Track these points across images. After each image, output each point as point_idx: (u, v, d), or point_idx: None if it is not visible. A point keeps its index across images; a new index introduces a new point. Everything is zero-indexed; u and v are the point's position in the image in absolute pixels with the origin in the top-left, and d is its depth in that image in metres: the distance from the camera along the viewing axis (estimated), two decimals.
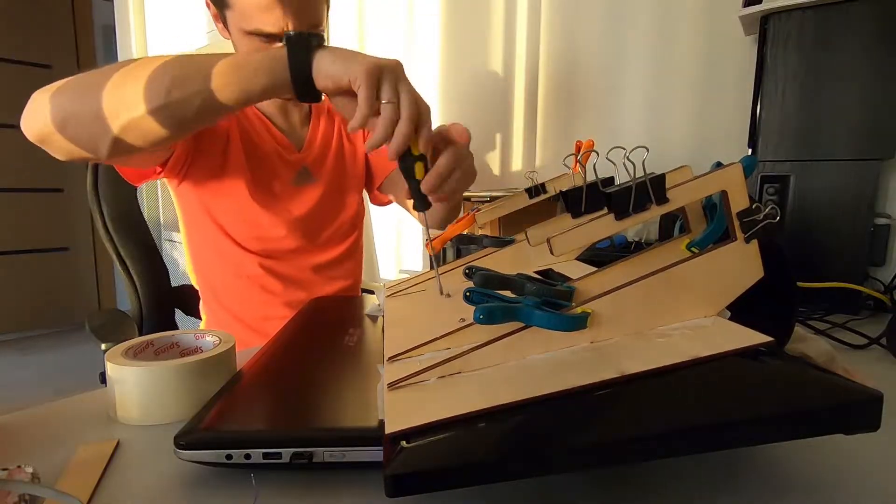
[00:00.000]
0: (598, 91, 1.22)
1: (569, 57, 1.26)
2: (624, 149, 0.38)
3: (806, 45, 0.78)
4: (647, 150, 0.36)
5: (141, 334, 1.02)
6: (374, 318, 0.60)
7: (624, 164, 0.37)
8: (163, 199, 2.22)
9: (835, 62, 0.77)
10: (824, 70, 0.78)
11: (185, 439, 0.33)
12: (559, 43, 1.27)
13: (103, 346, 1.02)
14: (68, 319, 3.43)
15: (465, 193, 1.16)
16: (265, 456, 0.33)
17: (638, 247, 0.59)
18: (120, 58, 2.63)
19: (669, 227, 0.79)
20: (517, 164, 1.40)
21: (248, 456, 0.33)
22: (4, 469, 0.31)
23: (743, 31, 0.94)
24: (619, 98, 1.19)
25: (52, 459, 0.36)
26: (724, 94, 1.04)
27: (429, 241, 0.60)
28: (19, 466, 0.31)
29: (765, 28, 0.81)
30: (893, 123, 0.76)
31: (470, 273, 0.35)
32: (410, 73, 0.50)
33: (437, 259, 0.77)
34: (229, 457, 0.33)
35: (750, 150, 0.85)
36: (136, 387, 0.42)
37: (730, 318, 0.36)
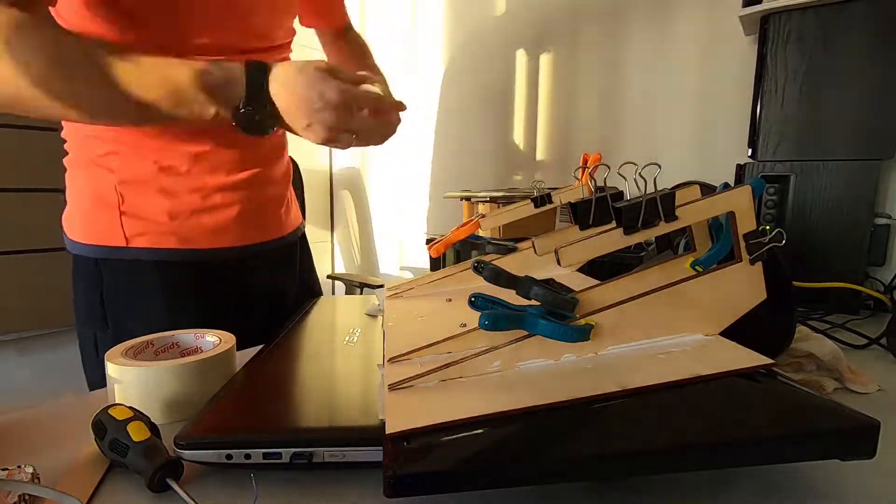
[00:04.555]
0: (598, 90, 1.22)
1: (569, 57, 1.26)
2: (635, 164, 0.38)
3: (806, 45, 0.78)
4: (660, 166, 0.36)
5: None
6: (373, 318, 0.60)
7: (635, 179, 0.37)
8: None
9: (835, 62, 0.77)
10: (824, 70, 0.78)
11: (185, 439, 0.33)
12: (559, 43, 1.27)
13: None
14: (68, 319, 3.42)
15: (467, 194, 1.17)
16: (265, 456, 0.33)
17: (637, 248, 0.59)
18: None
19: (668, 234, 0.79)
20: (517, 164, 1.40)
21: (248, 456, 0.33)
22: (4, 469, 0.31)
23: (743, 31, 0.94)
24: (619, 98, 1.19)
25: (52, 459, 0.36)
26: (724, 94, 1.04)
27: (431, 243, 0.60)
28: (19, 466, 0.31)
29: (765, 28, 0.81)
30: (893, 123, 0.76)
31: (479, 267, 0.35)
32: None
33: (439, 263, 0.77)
34: (229, 457, 0.33)
35: (750, 150, 0.85)
36: (136, 387, 0.42)
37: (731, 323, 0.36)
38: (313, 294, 0.84)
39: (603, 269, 0.53)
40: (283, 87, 0.51)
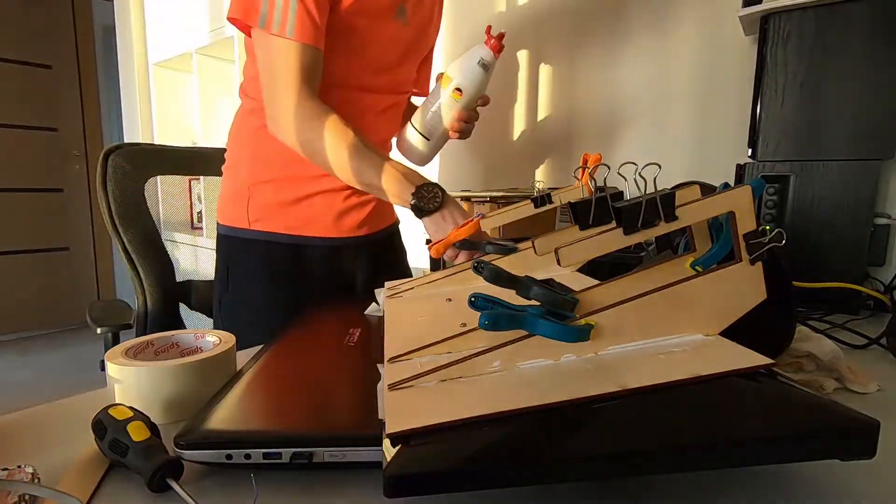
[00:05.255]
0: (598, 90, 1.22)
1: (569, 57, 1.26)
2: (635, 164, 0.38)
3: (806, 45, 0.78)
4: (660, 166, 0.36)
5: (146, 327, 1.02)
6: (373, 319, 0.60)
7: (635, 179, 0.37)
8: (162, 199, 2.22)
9: (835, 62, 0.77)
10: (824, 70, 0.78)
11: (186, 439, 0.33)
12: (559, 42, 1.27)
13: (98, 331, 1.02)
14: (68, 319, 3.43)
15: (467, 194, 1.17)
16: (265, 456, 0.33)
17: (637, 248, 0.59)
18: (120, 58, 2.63)
19: (668, 234, 0.79)
20: (517, 164, 1.40)
21: (248, 456, 0.33)
22: (4, 469, 0.31)
23: (743, 31, 0.94)
24: (619, 98, 1.19)
25: (52, 459, 0.36)
26: (724, 94, 1.04)
27: (431, 243, 0.60)
28: (19, 466, 0.31)
29: (765, 28, 0.81)
30: (893, 123, 0.76)
31: (479, 267, 0.35)
32: None
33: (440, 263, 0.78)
34: (229, 457, 0.33)
35: (750, 151, 0.85)
36: (136, 387, 0.42)
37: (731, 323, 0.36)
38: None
39: (603, 269, 0.53)
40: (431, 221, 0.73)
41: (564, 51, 1.27)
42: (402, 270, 1.06)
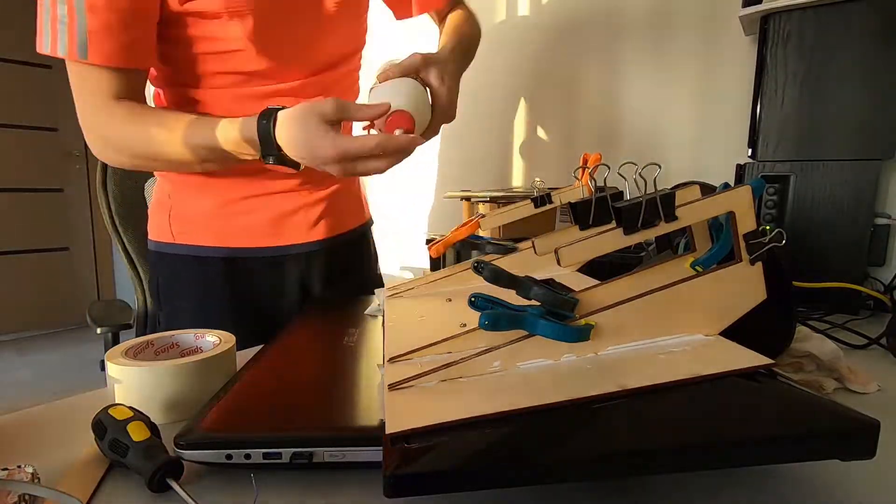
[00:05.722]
0: (598, 90, 1.22)
1: (569, 57, 1.26)
2: (635, 164, 0.38)
3: (806, 45, 0.78)
4: (660, 166, 0.36)
5: (146, 327, 1.03)
6: (373, 318, 0.60)
7: (635, 179, 0.37)
8: None
9: (835, 62, 0.77)
10: (824, 70, 0.78)
11: (186, 439, 0.33)
12: (559, 41, 1.27)
13: (98, 331, 1.03)
14: (68, 319, 3.43)
15: (467, 194, 1.17)
16: (265, 456, 0.33)
17: (637, 248, 0.59)
18: None
19: (668, 234, 0.79)
20: (517, 164, 1.40)
21: (248, 456, 0.33)
22: (4, 469, 0.31)
23: (743, 31, 0.94)
24: (619, 98, 1.19)
25: (52, 459, 0.36)
26: (725, 94, 1.04)
27: (431, 243, 0.60)
28: (19, 466, 0.31)
29: (765, 28, 0.81)
30: (893, 123, 0.76)
31: (479, 267, 0.35)
32: None
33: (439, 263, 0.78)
34: (229, 457, 0.33)
35: (750, 151, 0.85)
36: (136, 387, 0.42)
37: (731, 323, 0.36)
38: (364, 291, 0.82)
39: (603, 269, 0.53)
40: (286, 142, 0.55)
41: (564, 50, 1.27)
42: (369, 282, 0.91)
